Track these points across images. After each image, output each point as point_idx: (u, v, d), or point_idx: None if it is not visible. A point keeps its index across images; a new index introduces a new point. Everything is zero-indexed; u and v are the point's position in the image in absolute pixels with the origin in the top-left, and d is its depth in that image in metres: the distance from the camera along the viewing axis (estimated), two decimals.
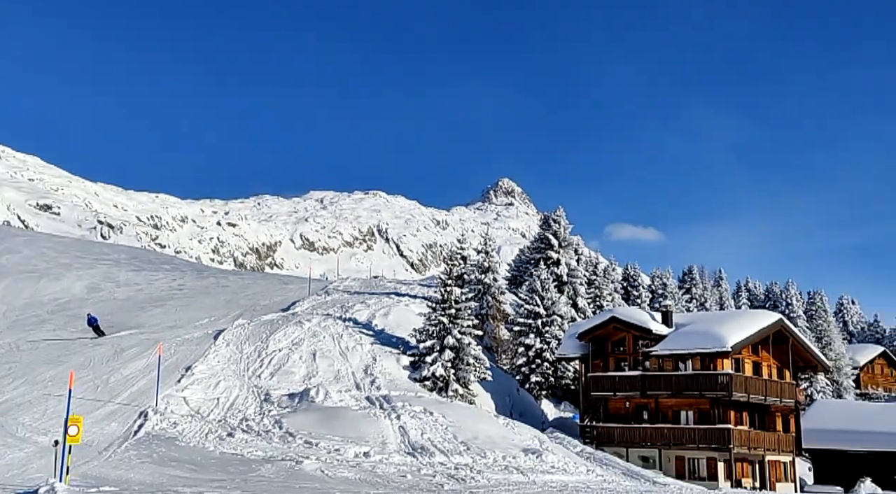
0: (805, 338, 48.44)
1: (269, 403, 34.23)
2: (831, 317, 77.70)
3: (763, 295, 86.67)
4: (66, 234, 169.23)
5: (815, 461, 48.08)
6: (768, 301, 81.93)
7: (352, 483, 23.77)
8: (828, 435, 45.99)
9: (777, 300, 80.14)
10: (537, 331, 49.63)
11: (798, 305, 77.78)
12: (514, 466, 29.79)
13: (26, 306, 52.08)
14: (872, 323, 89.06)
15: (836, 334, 72.21)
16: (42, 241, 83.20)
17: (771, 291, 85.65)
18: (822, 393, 61.77)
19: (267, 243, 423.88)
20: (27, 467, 22.50)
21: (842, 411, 50.45)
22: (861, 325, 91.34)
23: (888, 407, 50.64)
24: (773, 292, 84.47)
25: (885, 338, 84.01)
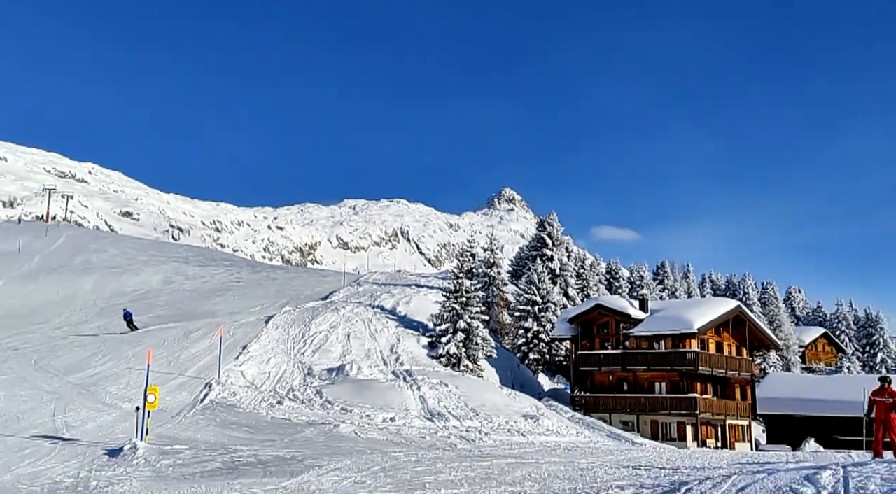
0: (759, 322, 48.09)
1: (311, 376, 34.29)
2: (781, 304, 77.00)
3: (724, 285, 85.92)
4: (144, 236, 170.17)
5: (767, 424, 47.79)
6: (728, 290, 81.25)
7: (380, 442, 23.78)
8: (778, 403, 45.72)
9: (736, 289, 79.50)
10: (535, 316, 49.50)
11: (753, 294, 77.17)
12: (516, 429, 29.74)
13: (112, 296, 52.35)
14: (816, 309, 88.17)
15: (785, 318, 71.63)
16: (125, 243, 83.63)
17: (731, 282, 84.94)
18: (773, 367, 61.26)
19: (308, 243, 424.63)
20: (114, 428, 22.59)
21: (790, 382, 50.12)
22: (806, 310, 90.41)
23: (828, 379, 50.35)
24: (733, 283, 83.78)
25: (826, 321, 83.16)
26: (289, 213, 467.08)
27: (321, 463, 17.20)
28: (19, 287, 52.93)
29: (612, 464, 17.64)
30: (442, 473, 15.77)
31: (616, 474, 15.18)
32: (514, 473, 15.75)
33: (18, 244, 68.59)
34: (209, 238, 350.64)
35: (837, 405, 42.13)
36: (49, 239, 74.98)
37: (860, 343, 75.85)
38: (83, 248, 71.07)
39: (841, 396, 41.86)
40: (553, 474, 15.49)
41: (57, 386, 28.58)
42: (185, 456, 18.44)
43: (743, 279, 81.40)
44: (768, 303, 74.18)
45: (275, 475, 15.82)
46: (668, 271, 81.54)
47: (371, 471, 16.09)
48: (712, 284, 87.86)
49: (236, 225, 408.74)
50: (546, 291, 50.17)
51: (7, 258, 62.55)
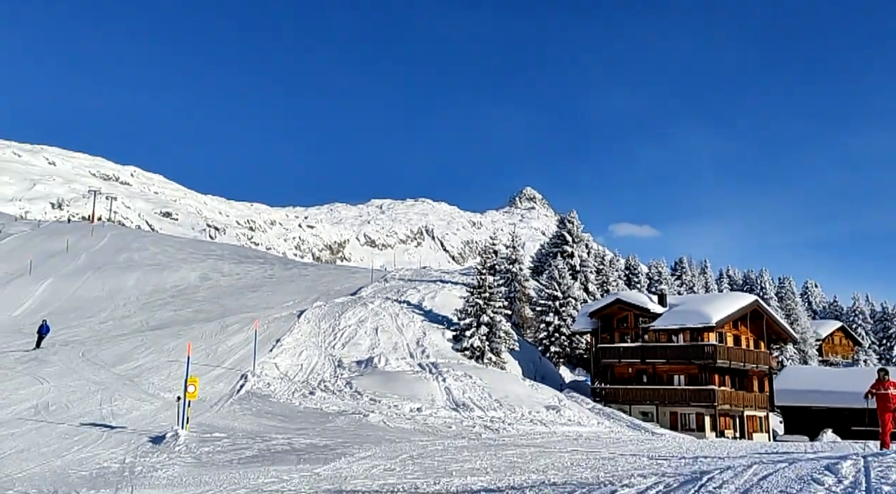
0: (776, 315, 47.25)
1: (341, 368, 34.39)
2: (798, 298, 75.64)
3: (741, 280, 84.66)
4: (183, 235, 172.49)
5: (785, 415, 46.99)
6: (746, 285, 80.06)
7: (408, 432, 23.81)
8: (796, 395, 44.92)
9: (753, 284, 78.30)
10: (556, 311, 49.22)
11: (770, 288, 75.95)
12: (538, 419, 29.58)
13: (153, 292, 53.01)
14: (832, 303, 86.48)
15: (802, 312, 70.36)
16: (165, 241, 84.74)
17: (748, 277, 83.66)
18: (790, 360, 60.22)
19: (338, 241, 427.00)
20: (156, 417, 22.88)
21: (807, 375, 49.19)
22: (823, 304, 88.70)
23: (844, 372, 49.34)
24: (750, 278, 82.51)
25: (842, 315, 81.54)
26: (319, 213, 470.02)
27: (352, 451, 17.27)
28: (67, 283, 53.93)
29: (632, 454, 17.46)
30: (468, 461, 15.74)
31: (637, 463, 15.02)
32: (538, 462, 15.66)
33: (66, 243, 69.93)
34: (244, 236, 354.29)
35: (854, 396, 41.17)
36: (94, 238, 76.32)
37: (877, 336, 74.23)
38: (126, 247, 72.21)
39: (858, 388, 40.59)
40: (575, 463, 15.37)
41: (103, 376, 29.07)
42: (224, 444, 18.64)
43: (760, 274, 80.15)
44: (785, 298, 72.91)
45: (308, 462, 15.92)
46: (685, 267, 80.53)
47: (399, 459, 16.11)
48: (730, 279, 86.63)
49: (269, 224, 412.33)
50: (567, 287, 49.84)
51: (56, 257, 63.78)
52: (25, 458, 16.85)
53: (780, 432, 45.48)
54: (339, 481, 13.15)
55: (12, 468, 15.85)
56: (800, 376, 48.43)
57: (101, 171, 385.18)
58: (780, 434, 44.83)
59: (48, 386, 26.79)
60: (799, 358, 62.54)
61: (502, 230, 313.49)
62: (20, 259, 60.00)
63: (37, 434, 19.60)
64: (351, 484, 12.66)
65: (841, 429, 41.41)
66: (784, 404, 45.35)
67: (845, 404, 42.58)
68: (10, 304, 47.59)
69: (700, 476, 10.22)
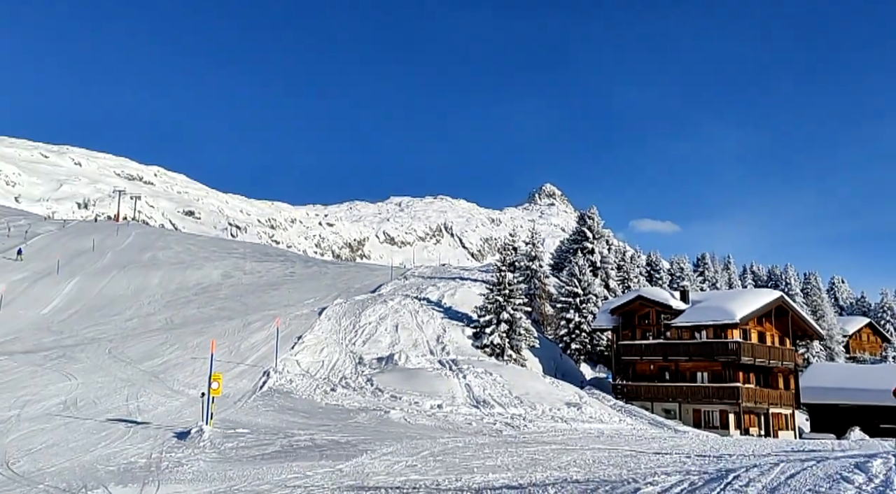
0: (802, 312, 46.49)
1: (362, 365, 34.47)
2: (824, 294, 74.32)
3: (766, 276, 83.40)
4: (205, 234, 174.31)
5: (811, 413, 46.31)
6: (770, 281, 78.89)
7: (429, 428, 23.84)
8: (822, 392, 44.24)
9: (778, 280, 77.14)
10: (576, 308, 48.94)
11: (796, 284, 74.73)
12: (559, 416, 29.46)
13: (177, 290, 53.55)
14: (860, 299, 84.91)
15: (828, 308, 69.17)
16: (188, 240, 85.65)
17: (772, 273, 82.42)
18: (817, 357, 59.26)
19: (357, 239, 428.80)
20: (182, 412, 23.16)
21: (834, 372, 48.41)
22: (850, 300, 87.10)
23: (872, 369, 48.42)
24: (775, 274, 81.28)
25: (870, 311, 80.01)
26: (338, 211, 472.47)
27: (373, 448, 17.34)
28: (94, 282, 54.77)
29: (655, 451, 17.31)
30: (489, 458, 15.72)
31: (660, 460, 14.89)
32: (559, 459, 15.60)
33: (93, 243, 71.01)
34: (265, 235, 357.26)
35: (883, 394, 40.46)
36: (120, 237, 77.41)
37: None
38: (150, 246, 73.13)
39: (886, 385, 40.10)
40: (597, 460, 15.28)
41: (129, 373, 29.49)
42: (247, 440, 18.82)
43: (785, 270, 78.91)
44: (811, 294, 71.73)
45: (330, 458, 16.01)
46: (708, 263, 79.56)
47: (421, 456, 16.14)
48: (753, 275, 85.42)
49: (290, 222, 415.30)
50: (587, 283, 49.53)
51: (83, 256, 64.81)
52: (55, 453, 17.17)
53: (806, 430, 44.83)
54: (362, 477, 13.21)
55: (43, 462, 16.15)
56: (826, 373, 47.67)
57: (125, 171, 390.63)
58: (807, 431, 44.19)
59: (76, 382, 27.25)
60: (825, 354, 61.53)
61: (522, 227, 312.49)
62: (48, 258, 61.07)
63: (65, 430, 19.95)
64: (373, 480, 12.71)
65: (869, 427, 40.71)
66: (810, 401, 44.68)
67: (873, 401, 41.86)
68: (38, 302, 48.46)
69: (726, 474, 10.10)
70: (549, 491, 10.11)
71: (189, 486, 12.98)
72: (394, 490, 11.54)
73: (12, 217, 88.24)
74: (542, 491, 10.14)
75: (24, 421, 21.02)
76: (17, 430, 19.86)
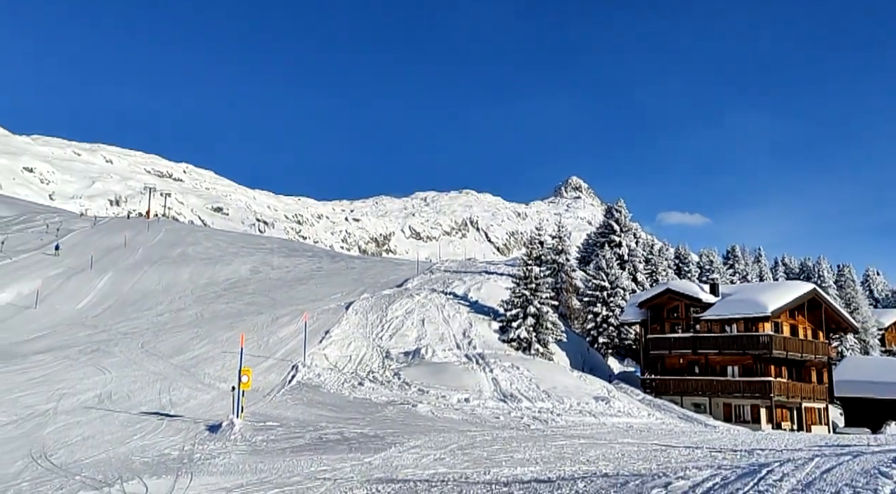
0: (835, 304, 45.55)
1: (389, 359, 34.62)
2: (858, 286, 72.61)
3: (798, 268, 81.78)
4: (233, 230, 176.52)
5: (845, 407, 45.42)
6: (802, 273, 77.33)
7: (456, 422, 23.89)
8: (856, 386, 43.34)
9: (810, 273, 75.59)
10: (603, 301, 48.60)
11: (829, 276, 73.16)
12: (587, 410, 29.30)
13: (206, 285, 54.33)
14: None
15: (863, 300, 67.61)
16: (216, 236, 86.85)
17: (805, 265, 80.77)
18: (851, 350, 58.02)
19: (383, 234, 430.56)
20: (212, 406, 23.52)
21: (869, 365, 47.34)
22: (885, 292, 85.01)
23: None
24: (807, 266, 79.64)
25: None
26: (364, 206, 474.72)
27: (401, 441, 17.43)
28: (126, 277, 55.87)
29: (686, 445, 17.13)
30: (517, 452, 15.70)
31: (691, 455, 14.72)
32: (588, 453, 15.52)
33: (125, 239, 72.42)
34: (292, 230, 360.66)
35: None
36: (150, 233, 78.80)
37: None
38: (180, 241, 74.32)
39: None
40: (626, 454, 15.17)
41: (161, 367, 30.05)
42: (277, 433, 19.06)
43: (818, 262, 77.26)
44: (845, 286, 70.20)
45: (359, 451, 16.14)
46: (738, 255, 78.25)
47: (449, 449, 16.19)
48: (785, 268, 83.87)
49: (316, 218, 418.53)
50: (614, 277, 49.13)
51: (115, 252, 66.14)
52: (91, 445, 17.59)
53: (840, 424, 44.00)
54: (390, 470, 13.30)
55: (80, 454, 16.56)
56: (861, 366, 46.67)
57: (155, 168, 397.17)
58: (841, 426, 43.38)
59: (110, 376, 27.85)
60: (860, 347, 60.21)
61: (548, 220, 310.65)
62: (82, 254, 62.44)
63: (101, 423, 20.42)
64: (402, 473, 12.78)
65: None
66: (844, 395, 43.82)
67: None
68: (73, 298, 49.61)
69: (759, 469, 9.95)
70: (578, 485, 10.07)
71: (221, 478, 13.20)
72: (422, 482, 11.60)
73: (47, 214, 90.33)
74: (571, 485, 10.11)
75: (60, 414, 21.57)
76: (55, 423, 20.39)
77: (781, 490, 8.24)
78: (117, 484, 12.56)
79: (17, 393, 24.40)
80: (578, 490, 9.69)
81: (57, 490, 12.67)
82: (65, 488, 12.80)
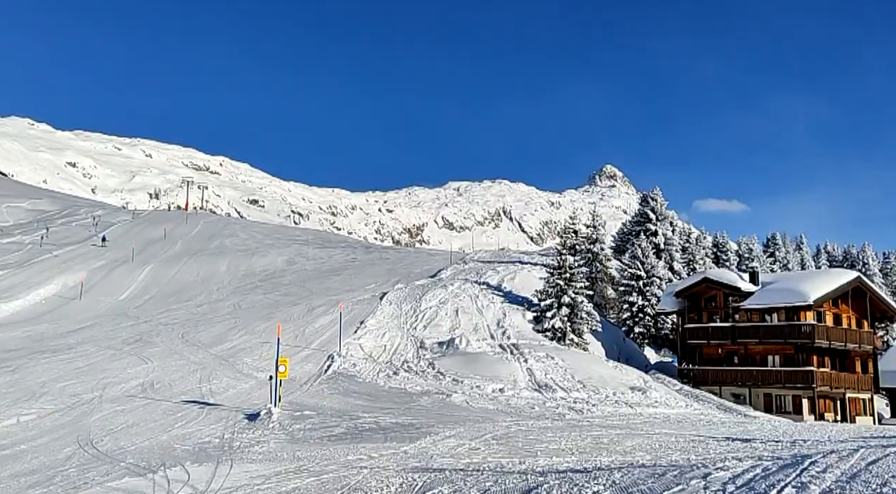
0: (881, 292, 44.17)
1: (423, 349, 34.73)
2: None
3: (841, 256, 79.55)
4: (269, 222, 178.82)
5: (891, 398, 44.19)
6: (846, 261, 75.19)
7: (491, 412, 23.91)
8: None
9: (854, 260, 73.47)
10: (639, 291, 48.01)
11: (874, 264, 71.02)
12: (623, 401, 29.03)
13: (244, 276, 55.24)
14: None
15: None
16: (253, 228, 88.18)
17: (848, 253, 78.54)
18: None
19: (416, 224, 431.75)
20: (251, 395, 23.96)
21: None
22: None
23: None
24: (851, 253, 77.43)
25: None
26: (397, 197, 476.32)
27: (436, 430, 17.52)
28: (166, 269, 57.15)
29: (725, 437, 16.86)
30: (553, 442, 15.65)
31: (730, 446, 14.49)
32: (625, 443, 15.39)
33: (164, 231, 74.06)
34: (326, 222, 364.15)
35: None
36: (189, 226, 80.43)
37: None
38: (218, 234, 75.69)
39: None
40: (664, 445, 15.00)
41: (201, 357, 30.71)
42: (314, 422, 19.34)
43: (862, 249, 75.03)
44: (891, 273, 68.16)
45: (394, 440, 16.28)
46: (779, 243, 76.48)
47: (484, 439, 16.22)
48: (828, 255, 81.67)
49: (350, 209, 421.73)
50: (650, 265, 48.46)
51: (155, 244, 67.70)
52: (135, 433, 18.10)
53: (886, 415, 42.81)
54: (426, 459, 13.38)
55: (124, 441, 17.05)
56: None
57: (192, 162, 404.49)
58: (887, 417, 42.20)
59: (152, 365, 28.59)
60: None
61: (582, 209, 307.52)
62: (123, 246, 64.07)
63: (144, 411, 20.99)
64: (437, 463, 12.85)
65: None
66: (890, 386, 42.61)
67: None
68: (116, 289, 50.97)
69: (801, 460, 9.74)
70: (615, 476, 10.00)
71: (260, 466, 13.45)
72: (458, 472, 11.64)
73: (90, 208, 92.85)
74: (607, 475, 10.04)
75: (105, 402, 22.23)
76: (100, 411, 21.02)
77: (825, 481, 8.05)
78: (161, 471, 12.90)
79: (64, 383, 25.22)
80: (615, 480, 9.62)
81: (103, 476, 13.07)
82: (110, 474, 13.20)
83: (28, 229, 70.85)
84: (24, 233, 67.72)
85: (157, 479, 12.25)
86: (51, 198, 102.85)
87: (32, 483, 12.96)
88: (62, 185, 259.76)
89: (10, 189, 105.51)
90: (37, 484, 12.82)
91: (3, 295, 46.59)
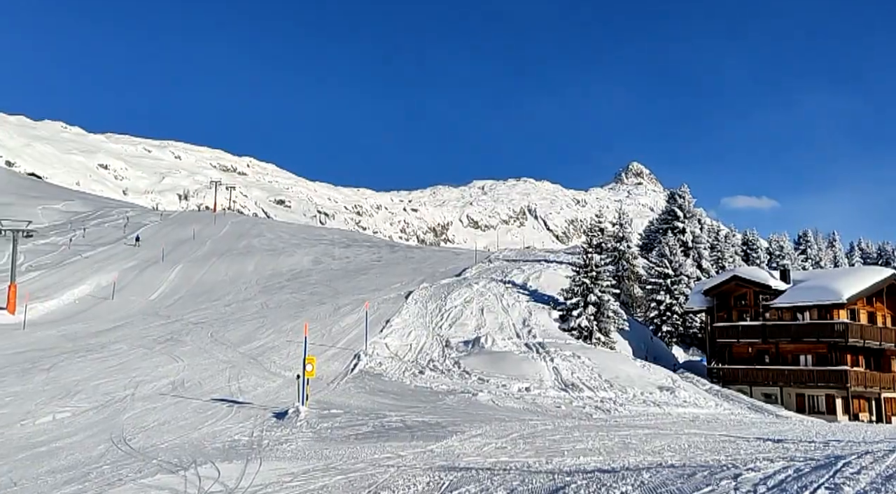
0: None
1: (449, 348, 34.71)
2: None
3: (875, 253, 77.75)
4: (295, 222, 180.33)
5: None
6: (881, 258, 73.48)
7: (517, 411, 23.87)
8: None
9: (889, 257, 71.79)
10: (667, 289, 47.48)
11: None
12: (651, 400, 28.76)
13: (271, 276, 55.83)
14: None
15: None
16: (279, 228, 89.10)
17: (883, 249, 76.73)
18: None
19: (441, 223, 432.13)
20: (278, 394, 24.21)
21: None
22: None
23: None
24: (885, 250, 75.64)
25: None
26: (422, 196, 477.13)
27: (463, 429, 17.54)
28: (195, 269, 58.02)
29: (756, 437, 16.61)
30: (579, 441, 15.57)
31: (761, 447, 14.28)
32: (653, 443, 15.25)
33: (193, 232, 75.21)
34: (351, 221, 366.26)
35: None
36: (217, 226, 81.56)
37: None
38: (245, 234, 76.63)
39: None
40: (693, 445, 14.83)
41: (230, 356, 31.13)
42: (341, 420, 19.49)
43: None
44: None
45: (421, 439, 16.34)
46: (811, 240, 75.03)
47: (510, 438, 16.20)
48: (862, 253, 79.89)
49: (375, 208, 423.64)
50: (678, 264, 47.89)
51: (184, 244, 68.79)
52: (166, 430, 18.43)
53: None
54: (452, 458, 13.41)
55: (156, 439, 17.38)
56: None
57: (220, 163, 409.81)
58: None
59: (182, 364, 29.06)
60: None
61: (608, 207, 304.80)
62: (153, 247, 65.22)
63: (174, 409, 21.35)
64: (464, 462, 12.87)
65: None
66: None
67: None
68: (147, 289, 51.92)
69: (835, 461, 9.55)
70: (643, 476, 9.92)
71: (289, 463, 13.61)
72: (485, 471, 11.65)
73: (122, 209, 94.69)
74: (635, 476, 9.96)
75: (137, 401, 22.66)
76: (132, 409, 21.44)
77: (859, 483, 7.89)
78: (192, 468, 13.12)
79: (97, 381, 25.76)
80: (643, 480, 9.54)
81: (136, 472, 13.34)
82: (143, 471, 13.46)
83: (62, 230, 72.49)
84: (59, 234, 69.29)
85: (189, 476, 12.46)
86: (83, 199, 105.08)
87: (68, 480, 13.27)
88: (94, 187, 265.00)
89: (45, 191, 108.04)
90: (72, 480, 13.13)
91: (39, 295, 47.75)
